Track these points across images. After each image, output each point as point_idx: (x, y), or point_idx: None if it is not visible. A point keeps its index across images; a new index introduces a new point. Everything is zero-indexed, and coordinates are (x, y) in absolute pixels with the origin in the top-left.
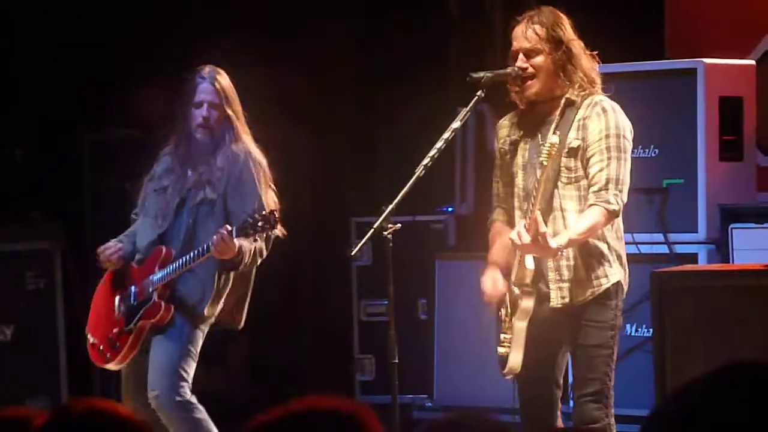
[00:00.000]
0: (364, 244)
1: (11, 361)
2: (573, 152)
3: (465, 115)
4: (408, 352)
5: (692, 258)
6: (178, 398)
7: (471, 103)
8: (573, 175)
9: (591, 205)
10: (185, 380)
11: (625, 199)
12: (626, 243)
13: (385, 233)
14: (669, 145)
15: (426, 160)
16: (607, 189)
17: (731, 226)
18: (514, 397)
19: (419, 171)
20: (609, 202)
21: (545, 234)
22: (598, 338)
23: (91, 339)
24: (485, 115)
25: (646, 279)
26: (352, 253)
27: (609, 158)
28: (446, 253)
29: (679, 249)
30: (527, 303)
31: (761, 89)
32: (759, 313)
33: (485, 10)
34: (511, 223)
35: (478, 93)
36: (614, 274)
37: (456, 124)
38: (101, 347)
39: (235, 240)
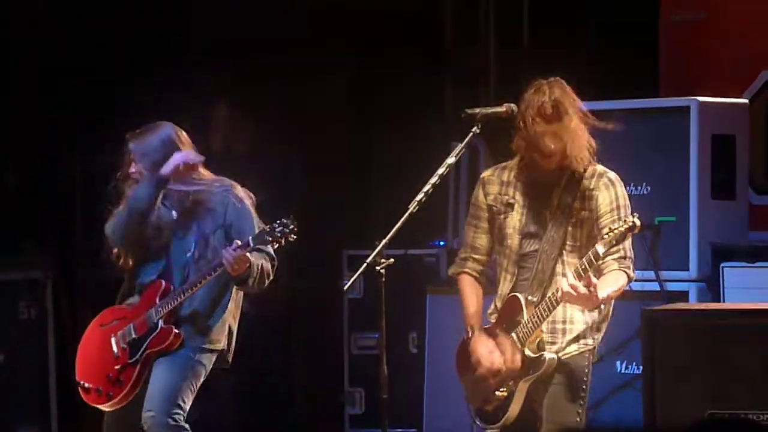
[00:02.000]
0: (356, 278)
1: (2, 389)
2: (579, 222)
3: (460, 150)
4: (398, 386)
5: (683, 296)
6: (172, 422)
7: (466, 139)
8: (577, 244)
9: (615, 270)
10: (181, 408)
11: None
12: None
13: (378, 268)
14: (661, 182)
15: (420, 196)
16: (627, 257)
17: (722, 264)
18: None
19: (413, 206)
20: (630, 269)
21: (596, 285)
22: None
23: (86, 385)
24: (479, 149)
25: (636, 316)
26: (345, 288)
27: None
28: (438, 288)
29: (670, 287)
30: (550, 362)
31: (754, 128)
32: (749, 353)
33: (479, 42)
34: (480, 280)
35: (473, 129)
36: (597, 340)
37: (451, 159)
38: (100, 389)
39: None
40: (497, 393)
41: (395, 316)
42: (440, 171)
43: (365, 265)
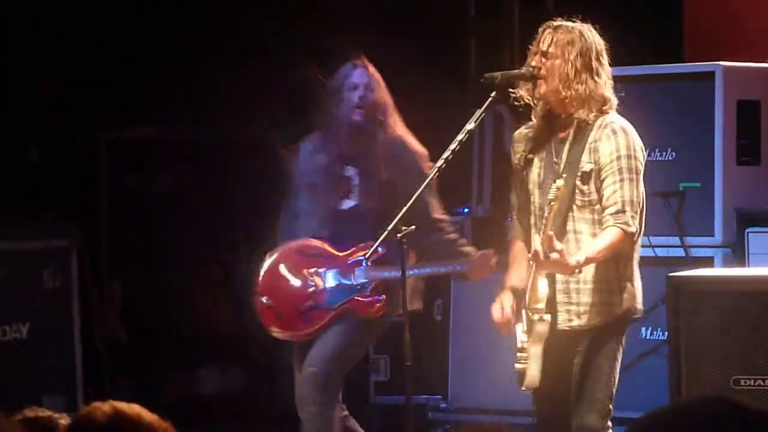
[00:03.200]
0: (377, 246)
1: (27, 358)
2: (586, 176)
3: (479, 116)
4: (423, 353)
5: (708, 261)
6: (329, 386)
7: (485, 104)
8: (587, 198)
9: (609, 226)
10: (341, 373)
11: (640, 222)
12: (642, 246)
13: (400, 235)
14: (686, 148)
15: (440, 162)
16: (625, 211)
17: (747, 230)
18: (529, 400)
19: (433, 173)
20: (628, 224)
21: (562, 251)
22: (597, 365)
23: (267, 301)
24: (503, 116)
25: (662, 282)
26: (367, 256)
27: (622, 180)
28: None
29: (695, 252)
30: (541, 327)
31: None
32: None
33: (503, 12)
34: (528, 241)
35: (492, 94)
36: (625, 300)
37: (470, 125)
38: (282, 314)
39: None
40: (520, 354)
41: None
42: (459, 137)
43: (386, 232)
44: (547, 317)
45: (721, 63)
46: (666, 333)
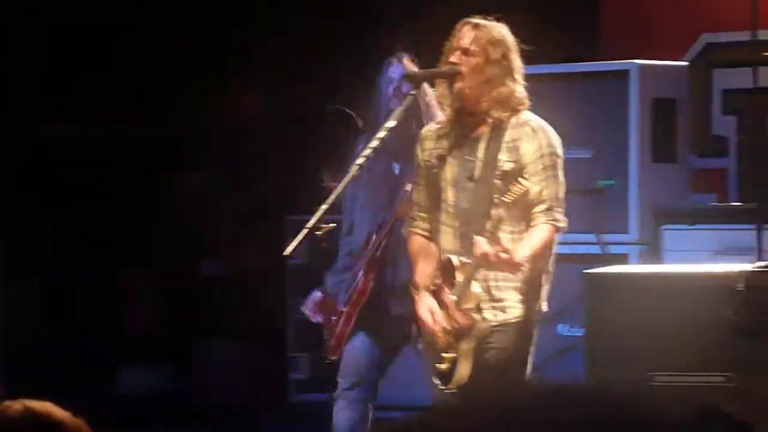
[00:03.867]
0: (299, 243)
1: None
2: (507, 175)
3: (400, 113)
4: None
5: (624, 259)
6: None
7: (406, 102)
8: (504, 198)
9: (541, 223)
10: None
11: None
12: (559, 243)
13: (319, 233)
14: (602, 146)
15: (360, 160)
16: (553, 208)
17: (663, 227)
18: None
19: (354, 170)
20: (558, 221)
21: (510, 251)
22: (515, 360)
23: None
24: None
25: (578, 279)
26: (286, 252)
27: (548, 178)
28: None
29: (612, 249)
30: (483, 326)
31: (694, 91)
32: (689, 314)
33: (423, 8)
34: (433, 237)
35: (413, 91)
36: (542, 296)
37: (391, 123)
38: None
39: None
40: (445, 355)
41: None
42: (380, 135)
43: (306, 230)
44: (489, 316)
45: (637, 61)
46: (583, 329)
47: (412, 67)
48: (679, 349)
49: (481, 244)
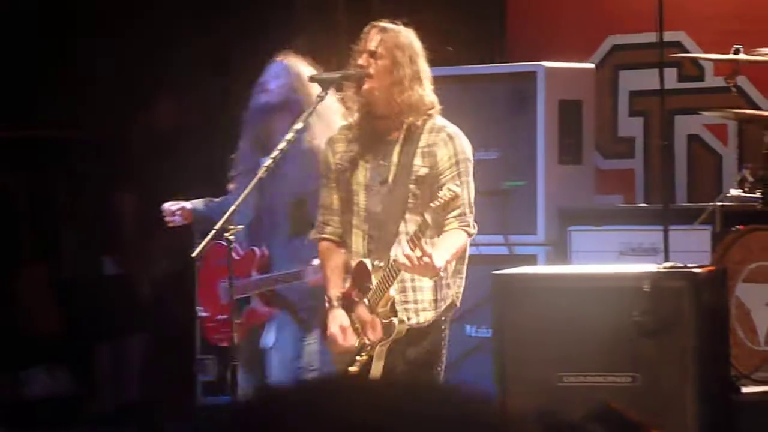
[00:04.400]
0: (205, 245)
1: None
2: (421, 180)
3: (307, 116)
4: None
5: (531, 259)
6: None
7: (314, 104)
8: (419, 201)
9: (454, 228)
10: None
11: None
12: None
13: (227, 234)
14: (509, 147)
15: (268, 161)
16: (466, 214)
17: (569, 228)
18: None
19: (261, 172)
20: (470, 226)
21: (432, 255)
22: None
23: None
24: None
25: (486, 280)
26: (194, 254)
27: (461, 184)
28: None
29: (519, 250)
30: (401, 328)
31: (601, 92)
32: (597, 316)
33: (329, 10)
34: (343, 242)
35: (320, 93)
36: (452, 296)
37: (298, 125)
38: None
39: None
40: (358, 358)
41: None
42: (288, 136)
43: (213, 231)
44: (404, 317)
45: (543, 63)
46: (491, 330)
47: (299, 65)
48: (586, 349)
49: (404, 247)
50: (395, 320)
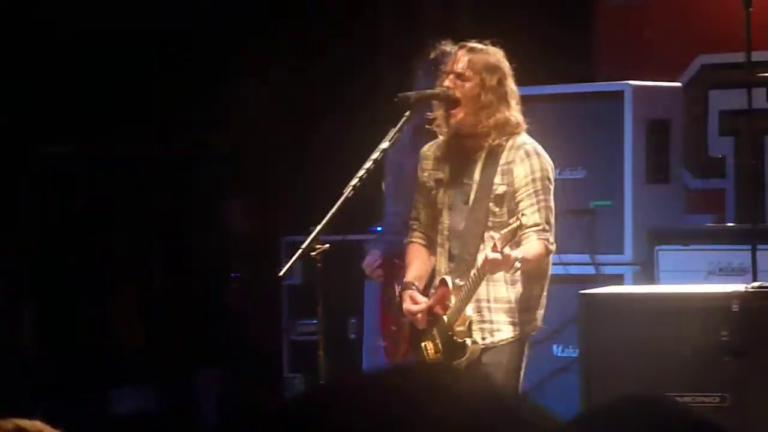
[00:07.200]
0: (293, 264)
1: None
2: (499, 198)
3: (394, 135)
4: (338, 371)
5: (618, 279)
6: None
7: (400, 123)
8: (498, 220)
9: (534, 240)
10: None
11: None
12: (553, 264)
13: (314, 253)
14: (597, 166)
15: (355, 181)
16: (547, 230)
17: (657, 248)
18: None
19: (348, 191)
20: (550, 242)
21: (509, 254)
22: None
23: None
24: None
25: (572, 299)
26: (281, 273)
27: (539, 201)
28: None
29: (606, 270)
30: (475, 348)
31: (689, 111)
32: (684, 335)
33: (415, 25)
34: (430, 250)
35: (407, 113)
36: (537, 318)
37: (384, 144)
38: None
39: None
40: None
41: (334, 302)
42: (374, 156)
43: (300, 251)
44: (479, 338)
45: (631, 82)
46: (577, 350)
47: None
48: (673, 369)
49: (486, 254)
50: (468, 341)
